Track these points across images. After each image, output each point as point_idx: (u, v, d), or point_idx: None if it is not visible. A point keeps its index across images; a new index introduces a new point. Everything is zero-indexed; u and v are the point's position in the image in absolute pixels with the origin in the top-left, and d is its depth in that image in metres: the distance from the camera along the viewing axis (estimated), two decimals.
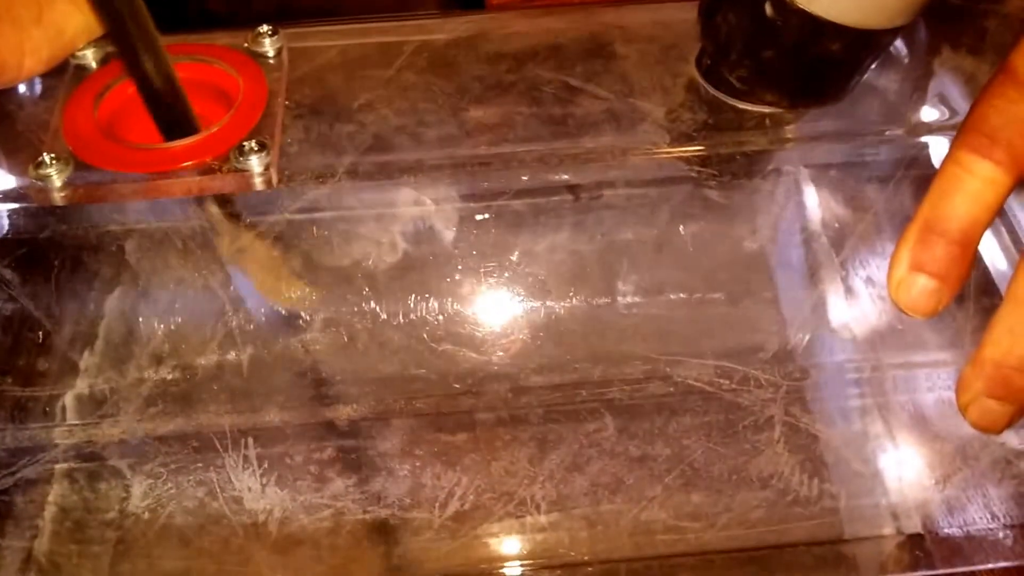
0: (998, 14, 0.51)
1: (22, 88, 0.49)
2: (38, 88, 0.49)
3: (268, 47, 0.50)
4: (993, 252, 0.48)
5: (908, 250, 0.38)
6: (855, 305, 0.49)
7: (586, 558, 0.44)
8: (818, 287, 0.49)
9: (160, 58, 0.43)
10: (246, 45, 0.50)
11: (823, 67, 0.44)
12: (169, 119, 0.45)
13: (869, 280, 0.49)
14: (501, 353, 0.47)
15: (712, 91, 0.48)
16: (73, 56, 0.49)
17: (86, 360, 0.48)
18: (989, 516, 0.44)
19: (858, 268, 0.49)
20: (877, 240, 0.50)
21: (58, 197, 0.45)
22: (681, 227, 0.49)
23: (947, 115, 0.48)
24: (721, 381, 0.45)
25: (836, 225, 0.50)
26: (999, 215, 0.40)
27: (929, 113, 0.49)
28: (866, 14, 0.42)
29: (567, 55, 0.51)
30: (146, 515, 0.45)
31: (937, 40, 0.51)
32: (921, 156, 0.49)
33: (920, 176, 0.48)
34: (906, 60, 0.50)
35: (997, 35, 0.50)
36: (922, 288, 0.38)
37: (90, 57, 0.50)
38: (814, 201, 0.51)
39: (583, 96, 0.49)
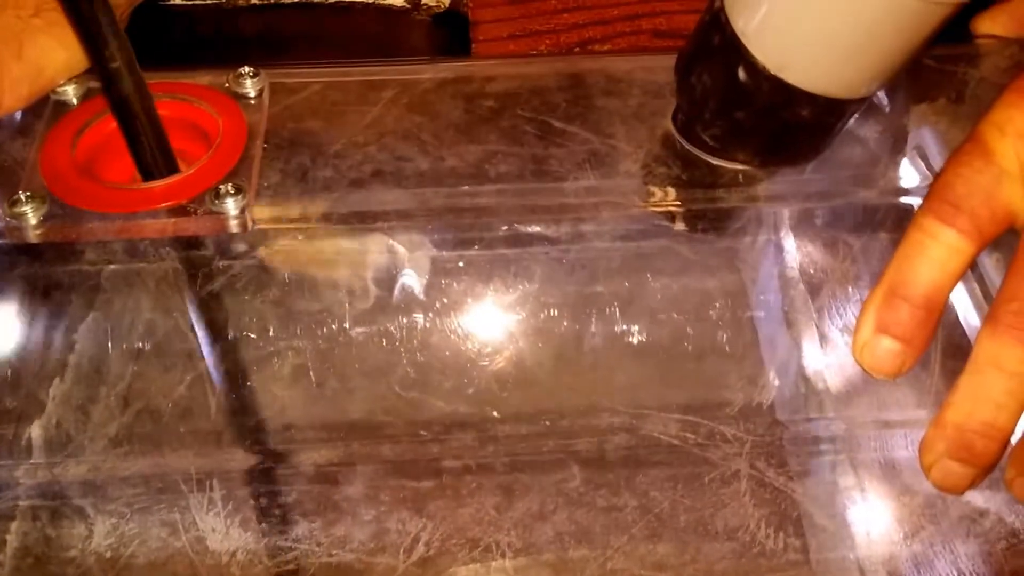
0: (973, 77, 0.52)
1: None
2: (16, 123, 0.49)
3: (249, 88, 0.50)
4: (966, 308, 0.48)
5: (873, 312, 0.38)
6: (823, 362, 0.50)
7: None
8: (788, 343, 0.50)
9: (142, 89, 0.43)
10: (227, 85, 0.51)
11: (794, 130, 0.45)
12: (148, 156, 0.45)
13: (838, 337, 0.49)
14: (469, 402, 0.47)
15: (687, 146, 0.48)
16: (53, 92, 0.49)
17: (52, 397, 0.48)
18: (956, 573, 0.44)
19: (827, 325, 0.50)
20: (848, 298, 0.50)
21: (33, 235, 0.45)
22: (652, 280, 0.50)
23: (918, 179, 0.49)
24: (687, 435, 0.46)
25: (808, 282, 0.51)
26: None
27: (900, 175, 0.49)
28: (836, 85, 0.42)
29: (546, 103, 0.51)
30: (108, 554, 0.44)
31: (911, 102, 0.52)
32: (894, 214, 0.50)
33: (892, 236, 0.49)
34: (880, 121, 0.51)
35: (971, 99, 0.51)
36: (886, 350, 0.38)
37: (71, 93, 0.50)
38: (787, 258, 0.51)
39: (560, 146, 0.49)
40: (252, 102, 0.50)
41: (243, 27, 0.67)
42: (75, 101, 0.50)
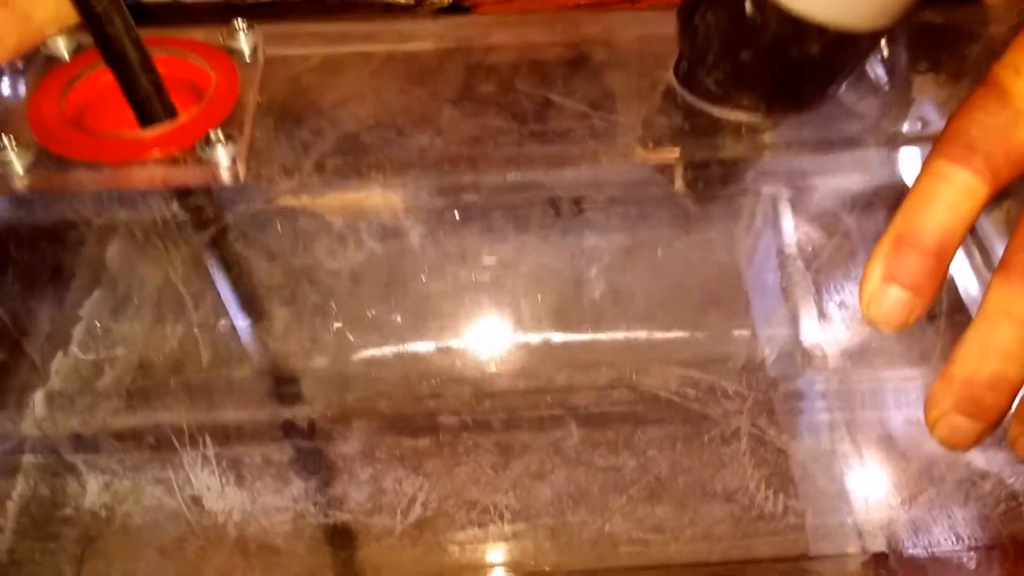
0: (981, 35, 0.51)
1: None
2: (5, 76, 0.48)
3: (243, 43, 0.50)
4: (964, 274, 0.48)
5: (881, 262, 0.37)
6: (826, 318, 0.49)
7: (549, 569, 0.44)
8: (790, 299, 0.49)
9: (131, 30, 0.42)
10: (221, 40, 0.50)
11: (801, 71, 0.44)
12: (143, 95, 0.44)
13: (842, 294, 0.49)
14: (465, 357, 0.46)
15: (689, 98, 0.47)
16: (44, 46, 0.49)
17: (42, 353, 0.47)
18: (954, 537, 0.43)
19: (831, 283, 0.49)
20: (852, 254, 0.50)
21: (19, 184, 0.44)
22: (653, 235, 0.49)
23: (925, 128, 0.48)
24: (687, 390, 0.45)
25: (811, 237, 0.50)
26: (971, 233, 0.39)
27: (906, 125, 0.49)
28: (847, 13, 0.41)
29: (546, 60, 0.51)
30: (103, 513, 0.44)
31: (916, 56, 0.51)
32: (896, 173, 0.49)
33: (895, 194, 0.48)
34: (885, 75, 0.50)
35: (978, 54, 0.51)
36: (894, 300, 0.37)
37: (61, 47, 0.49)
38: (789, 214, 0.51)
39: (560, 101, 0.49)
40: (247, 57, 0.50)
41: None
42: (66, 56, 0.49)
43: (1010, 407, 0.38)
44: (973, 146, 0.36)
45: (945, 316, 0.46)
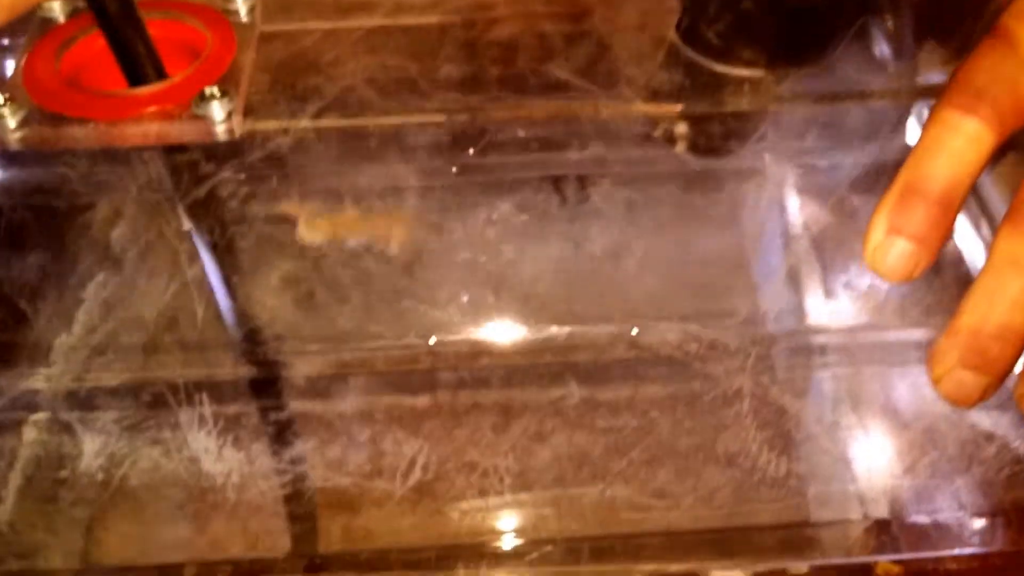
0: None
1: None
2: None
3: (240, 3, 0.49)
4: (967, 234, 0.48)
5: (886, 213, 0.37)
6: (831, 273, 0.49)
7: (548, 535, 0.43)
8: (794, 253, 0.49)
9: None
10: (219, 1, 0.50)
11: (802, 22, 0.43)
12: (132, 57, 0.44)
13: (846, 247, 0.48)
14: (464, 313, 0.46)
15: (691, 53, 0.47)
16: (39, 8, 0.49)
17: (36, 307, 0.47)
18: (957, 504, 0.43)
19: (835, 234, 0.49)
20: (856, 209, 0.49)
21: (12, 140, 0.44)
22: (654, 187, 0.49)
23: (930, 80, 0.48)
24: (689, 347, 0.44)
25: (814, 194, 0.50)
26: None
27: (910, 78, 0.48)
28: None
29: (546, 16, 0.50)
30: (100, 475, 0.43)
31: (921, 8, 0.51)
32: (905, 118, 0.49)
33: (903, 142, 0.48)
34: (888, 29, 0.50)
35: (983, 6, 0.50)
36: (900, 252, 0.37)
37: (57, 10, 0.49)
38: (792, 172, 0.50)
39: (562, 58, 0.48)
40: (244, 18, 0.49)
41: None
42: (61, 19, 0.49)
43: (1017, 359, 0.37)
44: (980, 95, 0.36)
45: (951, 272, 0.45)
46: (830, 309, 0.48)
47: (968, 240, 0.48)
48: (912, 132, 0.48)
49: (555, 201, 0.48)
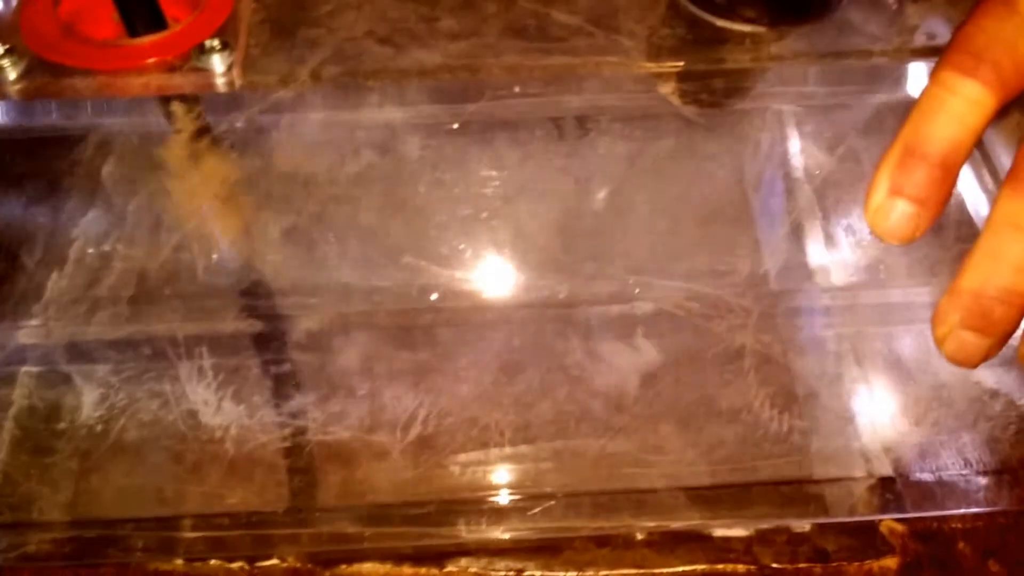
0: None
1: None
2: None
3: None
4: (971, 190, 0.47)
5: (887, 174, 0.37)
6: (832, 234, 0.48)
7: (550, 490, 0.43)
8: (795, 213, 0.48)
9: None
10: None
11: None
12: (134, 7, 0.44)
13: (848, 206, 0.48)
14: (465, 268, 0.46)
15: (694, 9, 0.47)
16: None
17: (36, 259, 0.47)
18: (962, 462, 0.43)
19: (836, 193, 0.48)
20: (858, 167, 0.49)
21: (12, 91, 0.44)
22: (655, 144, 0.48)
23: (932, 40, 0.47)
24: (691, 304, 0.44)
25: (815, 153, 0.49)
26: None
27: (913, 37, 0.48)
28: None
29: None
30: (99, 427, 0.43)
31: None
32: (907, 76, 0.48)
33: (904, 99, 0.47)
34: None
35: None
36: (901, 213, 0.37)
37: None
38: (795, 129, 0.50)
39: (563, 14, 0.47)
40: None
41: None
42: None
43: (1019, 321, 0.37)
44: (981, 56, 0.36)
45: (953, 230, 0.45)
46: (833, 264, 0.48)
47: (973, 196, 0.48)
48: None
49: (559, 159, 0.47)
